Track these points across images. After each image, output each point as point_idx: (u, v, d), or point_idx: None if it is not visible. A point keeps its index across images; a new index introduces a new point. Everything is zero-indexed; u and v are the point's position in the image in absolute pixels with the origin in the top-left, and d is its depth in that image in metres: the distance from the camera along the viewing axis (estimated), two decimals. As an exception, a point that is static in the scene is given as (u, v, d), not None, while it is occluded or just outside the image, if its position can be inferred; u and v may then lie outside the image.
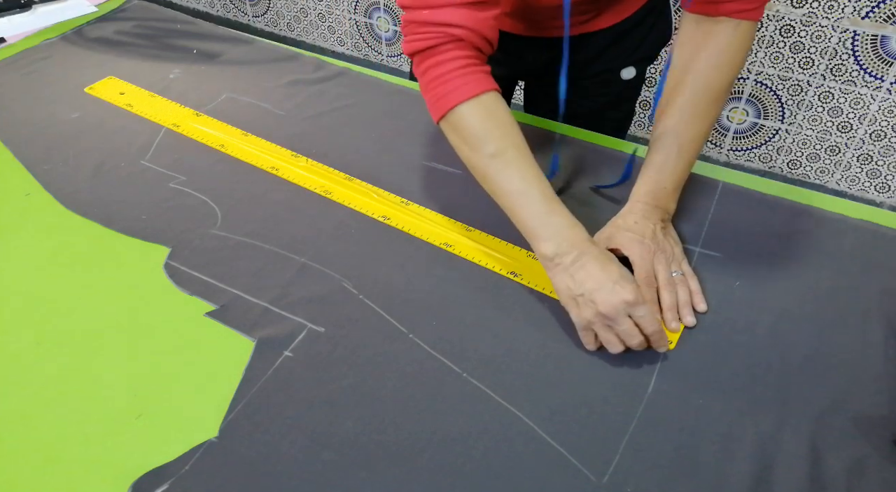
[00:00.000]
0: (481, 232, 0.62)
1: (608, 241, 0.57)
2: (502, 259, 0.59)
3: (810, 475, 0.44)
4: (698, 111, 0.59)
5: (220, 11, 2.24)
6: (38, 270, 0.59)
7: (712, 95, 0.59)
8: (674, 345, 0.53)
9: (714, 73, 0.59)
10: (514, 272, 0.58)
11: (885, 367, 0.51)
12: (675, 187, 0.60)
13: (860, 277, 0.58)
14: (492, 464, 0.45)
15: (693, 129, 0.60)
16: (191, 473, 0.44)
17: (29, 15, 0.96)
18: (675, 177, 0.59)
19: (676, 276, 0.55)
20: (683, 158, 0.59)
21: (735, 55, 0.59)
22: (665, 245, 0.56)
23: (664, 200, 0.59)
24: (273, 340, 0.53)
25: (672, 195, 0.59)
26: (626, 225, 0.57)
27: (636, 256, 0.54)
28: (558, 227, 0.53)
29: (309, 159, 0.71)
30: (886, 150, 1.46)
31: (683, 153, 0.59)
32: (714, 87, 0.59)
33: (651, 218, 0.57)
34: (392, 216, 0.64)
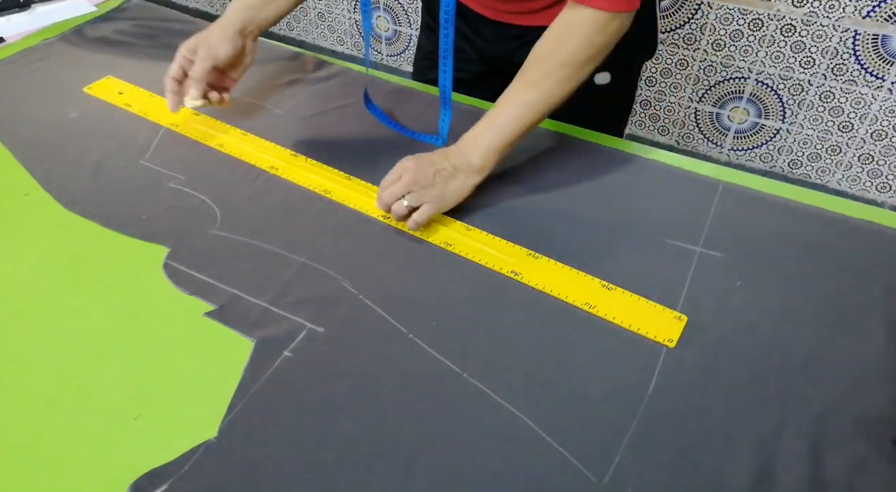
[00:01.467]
0: (481, 231, 0.62)
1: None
2: (502, 258, 0.59)
3: (810, 475, 0.44)
4: (529, 79, 0.62)
5: (219, 11, 2.23)
6: (37, 270, 0.59)
7: (542, 68, 0.62)
8: (674, 344, 0.53)
9: (547, 47, 0.62)
10: (515, 271, 0.58)
11: (886, 367, 0.51)
12: (482, 143, 0.62)
13: (861, 277, 0.58)
14: (492, 464, 0.45)
15: (519, 96, 0.62)
16: (190, 473, 0.44)
17: (28, 14, 0.96)
18: (482, 134, 0.63)
19: (403, 205, 0.60)
20: (497, 120, 0.63)
21: (570, 35, 0.60)
22: (425, 180, 0.61)
23: (466, 149, 0.63)
24: (273, 340, 0.52)
25: (474, 148, 0.63)
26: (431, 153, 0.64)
27: (398, 165, 0.62)
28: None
29: (308, 158, 0.71)
30: (887, 149, 1.46)
31: (498, 116, 0.63)
32: (544, 60, 0.62)
33: (447, 158, 0.62)
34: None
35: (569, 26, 0.60)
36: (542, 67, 0.62)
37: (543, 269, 0.58)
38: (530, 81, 0.62)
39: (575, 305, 0.55)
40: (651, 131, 1.72)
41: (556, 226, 0.63)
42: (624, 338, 0.53)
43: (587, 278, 0.57)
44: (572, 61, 0.61)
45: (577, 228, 0.63)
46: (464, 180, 0.62)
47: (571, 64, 0.61)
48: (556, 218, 0.64)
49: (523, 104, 0.62)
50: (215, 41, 0.69)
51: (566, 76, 0.61)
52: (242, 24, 0.70)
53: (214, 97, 0.70)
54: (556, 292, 0.56)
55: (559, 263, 0.59)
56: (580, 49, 0.60)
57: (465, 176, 0.62)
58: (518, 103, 0.62)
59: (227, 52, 0.69)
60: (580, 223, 0.63)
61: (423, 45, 0.91)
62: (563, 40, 0.61)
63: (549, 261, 0.59)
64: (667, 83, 1.61)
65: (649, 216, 0.64)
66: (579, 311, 0.55)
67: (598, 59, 0.62)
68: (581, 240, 0.62)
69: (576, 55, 0.60)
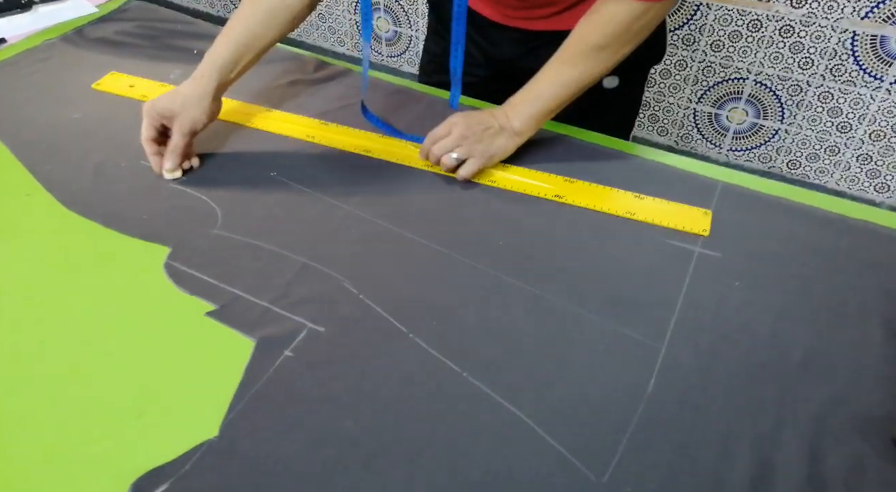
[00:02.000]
0: (518, 167, 0.65)
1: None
2: (544, 187, 0.63)
3: (810, 475, 0.45)
4: (567, 58, 0.66)
5: (220, 12, 2.24)
6: (39, 271, 0.59)
7: (580, 49, 0.65)
8: (708, 233, 0.60)
9: (585, 30, 0.65)
10: (558, 194, 0.63)
11: (885, 367, 0.51)
12: (524, 112, 0.68)
13: (859, 278, 0.58)
14: (492, 464, 0.45)
15: (558, 72, 0.67)
16: (191, 472, 0.44)
17: (29, 15, 0.96)
18: (523, 102, 0.68)
19: (453, 158, 0.66)
20: (536, 92, 0.67)
21: (608, 22, 0.63)
22: (474, 136, 0.66)
23: (509, 113, 0.68)
24: (273, 339, 0.53)
25: (516, 115, 0.68)
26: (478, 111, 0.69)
27: (447, 121, 0.67)
28: None
29: (339, 125, 0.74)
30: (886, 150, 1.46)
31: (538, 88, 0.68)
32: (582, 42, 0.65)
33: (494, 117, 0.68)
34: (392, 216, 0.64)
35: (607, 15, 0.63)
36: (579, 47, 0.65)
37: (582, 190, 0.67)
38: (568, 59, 0.66)
39: (618, 215, 0.63)
40: (650, 132, 1.72)
41: (557, 225, 0.63)
42: (662, 235, 0.62)
43: (620, 192, 0.67)
44: (609, 44, 0.64)
45: (576, 226, 0.63)
46: (507, 140, 0.68)
47: (608, 47, 0.64)
48: (556, 218, 0.64)
49: (561, 82, 0.67)
50: (194, 113, 0.66)
51: (602, 58, 0.65)
52: (216, 89, 0.68)
53: (186, 165, 0.69)
54: (598, 207, 0.65)
55: (593, 184, 0.67)
56: (618, 34, 0.63)
57: (508, 136, 0.68)
58: (556, 80, 0.67)
59: (205, 123, 0.68)
60: (579, 222, 0.64)
61: (431, 49, 0.91)
62: (601, 24, 0.64)
63: (585, 184, 0.68)
64: (666, 84, 1.61)
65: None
66: (617, 218, 0.63)
67: (634, 43, 0.65)
68: (581, 239, 0.62)
69: (613, 39, 0.64)
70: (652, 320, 0.54)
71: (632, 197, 0.66)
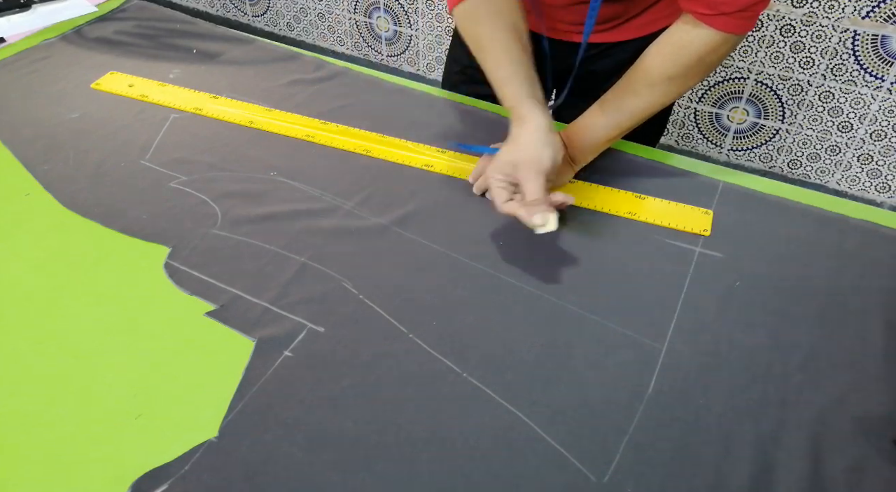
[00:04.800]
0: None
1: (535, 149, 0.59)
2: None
3: (810, 475, 0.44)
4: (630, 88, 0.63)
5: (219, 11, 2.24)
6: (38, 270, 0.59)
7: (648, 79, 0.62)
8: (709, 233, 0.60)
9: (655, 59, 0.61)
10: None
11: (886, 367, 0.51)
12: (584, 140, 0.66)
13: (860, 277, 0.58)
14: (492, 464, 0.45)
15: (622, 101, 0.64)
16: (191, 473, 0.44)
17: (28, 15, 0.96)
18: (584, 131, 0.66)
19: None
20: (598, 121, 0.65)
21: (679, 50, 0.60)
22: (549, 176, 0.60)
23: (568, 140, 0.67)
24: (273, 340, 0.53)
25: (575, 143, 0.66)
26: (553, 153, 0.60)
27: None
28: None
29: (339, 125, 0.74)
30: (887, 149, 1.46)
31: (600, 117, 0.65)
32: (651, 71, 0.62)
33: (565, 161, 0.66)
34: (392, 216, 0.64)
35: (683, 42, 0.59)
36: (648, 78, 0.62)
37: (583, 190, 0.67)
38: (635, 90, 0.63)
39: (619, 215, 0.63)
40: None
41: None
42: (663, 235, 0.62)
43: (622, 192, 0.66)
44: (678, 76, 0.61)
45: (576, 227, 0.63)
46: (565, 171, 0.66)
47: (676, 79, 0.61)
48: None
49: (625, 112, 0.64)
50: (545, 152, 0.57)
51: (670, 90, 0.62)
52: (539, 97, 0.61)
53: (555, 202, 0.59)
54: (599, 207, 0.64)
55: (594, 184, 0.67)
56: (689, 66, 0.60)
57: (566, 167, 0.66)
58: (619, 110, 0.64)
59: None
60: (580, 222, 0.63)
61: (460, 59, 0.84)
62: (671, 57, 0.60)
63: (585, 183, 0.67)
64: (666, 83, 1.61)
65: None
66: (618, 218, 0.63)
67: (703, 75, 0.62)
68: (581, 239, 0.62)
69: (683, 71, 0.61)
70: (652, 321, 0.54)
71: (633, 197, 0.66)
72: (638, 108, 0.63)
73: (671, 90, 0.62)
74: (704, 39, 0.58)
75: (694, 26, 0.58)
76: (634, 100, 0.63)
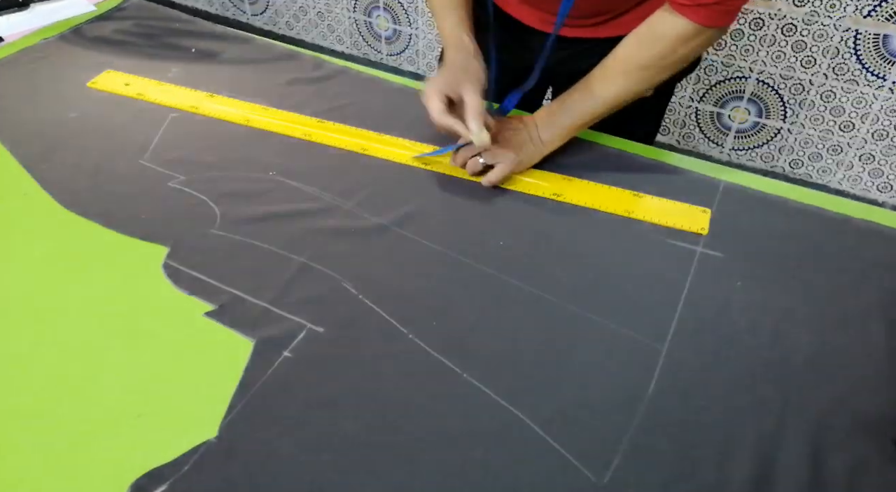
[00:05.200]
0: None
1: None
2: (543, 185, 0.63)
3: (810, 475, 0.44)
4: (607, 74, 0.65)
5: (218, 10, 2.23)
6: (37, 270, 0.59)
7: (622, 67, 0.63)
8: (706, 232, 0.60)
9: (630, 48, 0.63)
10: (556, 193, 0.63)
11: (886, 367, 0.51)
12: (556, 123, 0.67)
13: (862, 277, 0.58)
14: (492, 464, 0.45)
15: (596, 88, 0.65)
16: (190, 473, 0.44)
17: (27, 14, 0.96)
18: (555, 114, 0.67)
19: (480, 162, 0.65)
20: (571, 106, 0.66)
21: (655, 40, 0.61)
22: (502, 141, 0.65)
23: (539, 123, 0.68)
24: (272, 340, 0.52)
25: (547, 126, 0.67)
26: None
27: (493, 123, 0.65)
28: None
29: (337, 123, 0.74)
30: (889, 149, 1.46)
31: (572, 102, 0.66)
32: (626, 60, 0.63)
33: (525, 125, 0.67)
34: (392, 216, 0.64)
35: (656, 33, 0.61)
36: (621, 66, 0.63)
37: (580, 188, 0.67)
38: (608, 77, 0.64)
39: (616, 213, 0.63)
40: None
41: (557, 226, 0.63)
42: (664, 235, 0.61)
43: (618, 190, 0.66)
44: (652, 66, 0.62)
45: (576, 227, 0.63)
46: (535, 150, 0.67)
47: (650, 68, 0.62)
48: (557, 218, 0.64)
49: (598, 97, 0.65)
50: (473, 67, 0.65)
51: (642, 78, 0.63)
52: (468, 33, 0.68)
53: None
54: (595, 205, 0.64)
55: (593, 183, 0.67)
56: (663, 55, 0.61)
57: (535, 147, 0.67)
58: (593, 95, 0.65)
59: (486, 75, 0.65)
60: (580, 222, 0.63)
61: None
62: (647, 45, 0.62)
63: (584, 182, 0.67)
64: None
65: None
66: (619, 218, 0.63)
67: (677, 67, 0.63)
68: (581, 239, 0.62)
69: (657, 61, 0.62)
70: (653, 321, 0.54)
71: (630, 195, 0.66)
72: (611, 96, 0.64)
73: (644, 78, 0.63)
74: (679, 30, 0.59)
75: (671, 15, 0.59)
76: (608, 87, 0.64)
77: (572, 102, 0.66)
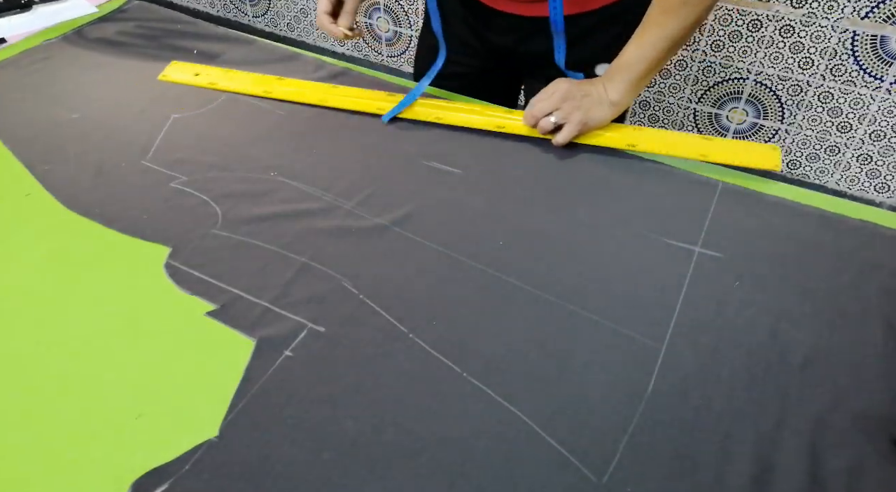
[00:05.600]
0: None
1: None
2: (612, 137, 0.66)
3: (810, 475, 0.45)
4: (650, 19, 0.68)
5: (220, 12, 2.24)
6: (38, 270, 0.59)
7: (664, 5, 0.67)
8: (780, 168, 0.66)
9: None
10: (631, 143, 0.66)
11: (885, 367, 0.51)
12: (622, 79, 0.69)
13: (860, 277, 0.58)
14: (492, 464, 0.45)
15: (645, 34, 0.68)
16: (191, 472, 0.44)
17: (29, 15, 0.96)
18: (618, 72, 0.70)
19: (551, 122, 0.68)
20: (628, 59, 0.69)
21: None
22: (574, 101, 0.68)
23: (607, 84, 0.70)
24: (273, 339, 0.53)
25: (613, 85, 0.70)
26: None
27: (551, 84, 0.70)
28: None
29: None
30: (886, 150, 1.46)
31: (629, 55, 0.69)
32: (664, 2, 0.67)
33: (594, 87, 0.70)
34: (392, 216, 0.64)
35: None
36: (662, 6, 0.66)
37: (652, 135, 0.71)
38: (653, 20, 0.67)
39: (687, 158, 0.68)
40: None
41: (556, 225, 0.63)
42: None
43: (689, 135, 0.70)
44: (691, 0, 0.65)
45: (576, 227, 0.63)
46: (605, 111, 0.70)
47: (691, 2, 0.65)
48: (556, 217, 0.64)
49: (650, 44, 0.68)
50: None
51: (686, 13, 0.66)
52: None
53: (355, 26, 0.76)
54: (670, 152, 0.68)
55: (664, 130, 0.72)
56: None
57: (606, 107, 0.70)
58: (644, 43, 0.68)
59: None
60: (579, 223, 0.64)
61: (427, 39, 0.91)
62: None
63: (653, 130, 0.72)
64: (666, 84, 1.61)
65: (648, 216, 0.64)
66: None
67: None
68: (581, 239, 0.62)
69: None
70: (652, 320, 0.54)
71: (700, 139, 0.69)
72: (661, 38, 0.67)
73: (688, 13, 0.66)
74: None
75: None
76: (657, 30, 0.67)
77: (629, 56, 0.69)
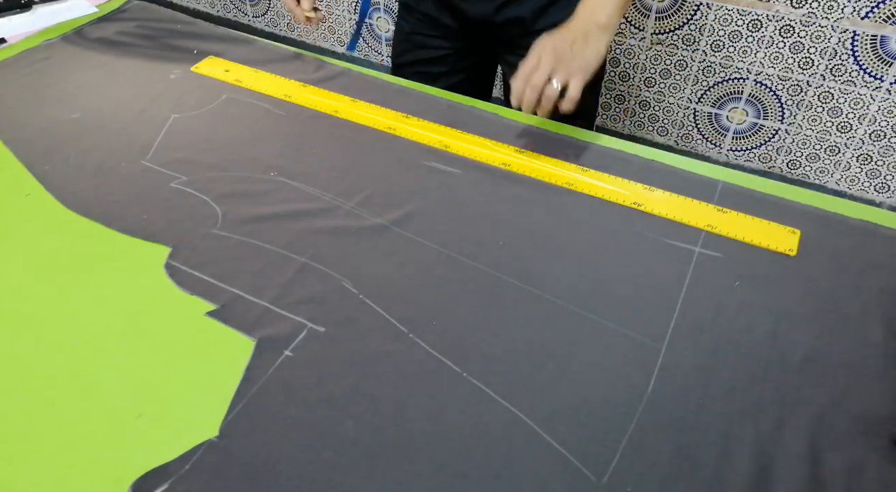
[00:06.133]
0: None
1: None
2: (558, 172, 0.65)
3: (810, 475, 0.45)
4: None
5: (220, 12, 2.24)
6: (38, 270, 0.59)
7: None
8: (794, 253, 0.59)
9: None
10: (570, 182, 0.64)
11: (885, 367, 0.51)
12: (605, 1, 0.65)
13: (860, 277, 0.58)
14: (492, 464, 0.45)
15: None
16: (191, 472, 0.44)
17: (29, 15, 0.96)
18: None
19: (555, 88, 0.62)
20: None
21: None
22: (566, 54, 0.63)
23: (590, 11, 0.65)
24: (273, 339, 0.53)
25: (599, 7, 0.65)
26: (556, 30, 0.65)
27: (532, 53, 0.63)
28: None
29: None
30: (886, 150, 1.46)
31: None
32: None
33: (572, 29, 0.64)
34: (392, 216, 0.64)
35: None
36: None
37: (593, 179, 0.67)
38: None
39: (698, 227, 0.63)
40: (650, 132, 1.72)
41: (556, 225, 0.63)
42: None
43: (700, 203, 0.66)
44: None
45: (576, 227, 0.63)
46: (597, 42, 0.65)
47: None
48: (557, 218, 0.64)
49: None
50: None
51: None
52: None
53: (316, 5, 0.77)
54: (673, 215, 0.64)
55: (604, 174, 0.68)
56: None
57: (596, 38, 0.64)
58: None
59: None
60: (579, 222, 0.64)
61: (403, 28, 0.92)
62: None
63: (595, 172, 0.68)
64: (666, 84, 1.61)
65: (648, 216, 0.64)
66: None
67: None
68: (580, 239, 0.62)
69: None
70: (652, 321, 0.54)
71: (715, 209, 0.64)
72: None
73: None
74: None
75: None
76: None
77: None
